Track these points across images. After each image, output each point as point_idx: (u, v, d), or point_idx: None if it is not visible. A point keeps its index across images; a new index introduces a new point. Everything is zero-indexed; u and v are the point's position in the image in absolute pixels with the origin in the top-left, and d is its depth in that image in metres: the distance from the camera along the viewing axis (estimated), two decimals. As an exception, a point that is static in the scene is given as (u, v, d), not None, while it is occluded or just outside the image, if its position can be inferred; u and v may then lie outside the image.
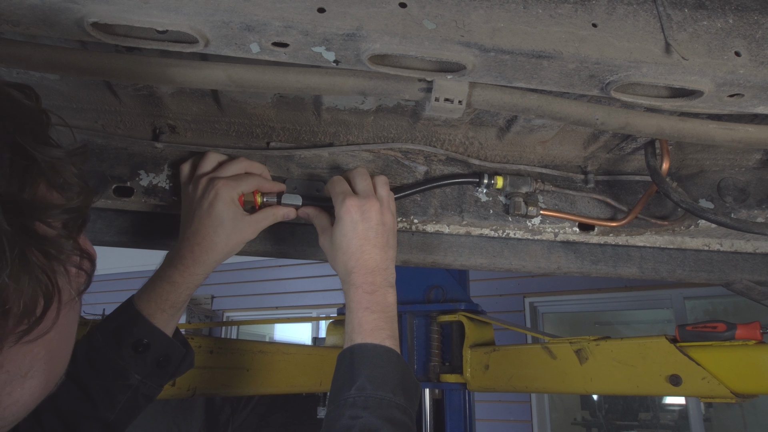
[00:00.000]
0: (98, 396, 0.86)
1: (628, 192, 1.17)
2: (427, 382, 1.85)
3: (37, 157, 0.46)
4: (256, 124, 1.06)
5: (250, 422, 2.47)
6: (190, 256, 0.92)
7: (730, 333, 1.22)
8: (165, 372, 0.93)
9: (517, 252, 1.21)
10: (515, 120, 1.02)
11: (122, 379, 0.88)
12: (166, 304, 0.91)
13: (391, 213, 0.98)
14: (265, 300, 6.06)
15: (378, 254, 0.92)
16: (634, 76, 0.70)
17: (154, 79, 0.78)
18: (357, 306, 0.89)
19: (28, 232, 0.44)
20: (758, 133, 0.87)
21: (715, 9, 0.73)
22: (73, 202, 0.50)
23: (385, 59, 0.71)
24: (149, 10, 0.62)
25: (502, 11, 0.69)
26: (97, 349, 0.88)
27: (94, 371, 0.86)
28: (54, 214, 0.47)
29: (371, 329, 0.87)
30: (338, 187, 0.97)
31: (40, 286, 0.45)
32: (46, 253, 0.46)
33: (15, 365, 0.47)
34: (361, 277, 0.91)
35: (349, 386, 0.80)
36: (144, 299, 0.91)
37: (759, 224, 1.00)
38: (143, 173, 1.03)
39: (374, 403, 0.78)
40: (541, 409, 4.55)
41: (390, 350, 0.86)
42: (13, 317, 0.43)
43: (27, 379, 0.48)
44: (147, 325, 0.90)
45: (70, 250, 0.49)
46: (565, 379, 1.46)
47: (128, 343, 0.88)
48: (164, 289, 0.91)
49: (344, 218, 0.93)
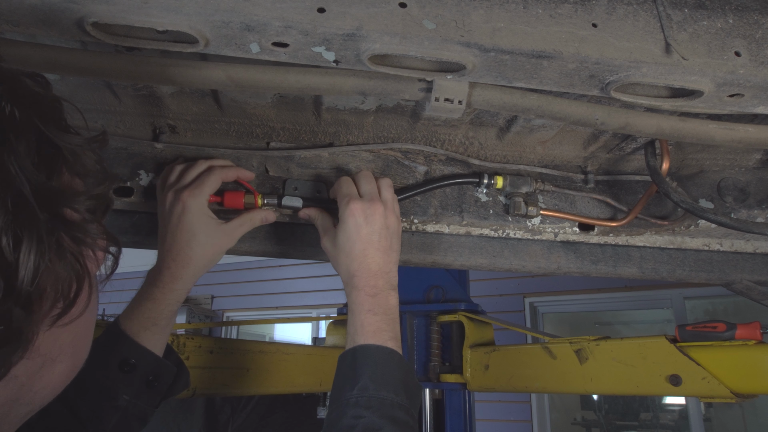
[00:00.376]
0: (87, 418, 0.84)
1: (628, 192, 1.17)
2: (427, 382, 1.85)
3: (60, 145, 0.47)
4: (256, 124, 1.06)
5: (250, 422, 2.46)
6: (167, 273, 0.91)
7: (730, 333, 1.22)
8: (156, 392, 0.91)
9: (517, 252, 1.21)
10: (515, 120, 1.02)
11: (110, 400, 0.86)
12: (149, 321, 0.90)
13: (395, 216, 0.97)
14: (265, 300, 6.05)
15: (381, 257, 0.92)
16: (634, 76, 0.70)
17: (154, 79, 0.78)
18: (359, 308, 0.89)
19: (59, 218, 0.45)
20: (758, 133, 0.87)
21: (715, 9, 0.73)
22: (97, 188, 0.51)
23: (385, 59, 0.71)
24: (149, 10, 0.62)
25: (502, 11, 0.69)
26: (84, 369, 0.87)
27: (81, 391, 0.84)
28: (80, 200, 0.48)
29: (373, 331, 0.87)
30: (344, 189, 0.97)
31: (73, 271, 0.46)
32: (76, 239, 0.46)
33: (48, 349, 0.48)
34: (363, 280, 0.91)
35: (351, 386, 0.80)
36: (128, 318, 0.90)
37: (759, 224, 1.00)
38: (143, 173, 1.03)
39: (377, 402, 0.78)
40: (541, 409, 4.55)
41: (392, 351, 0.86)
42: (48, 301, 0.45)
43: (56, 363, 0.50)
44: (132, 344, 0.88)
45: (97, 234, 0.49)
46: (565, 379, 1.46)
47: (114, 363, 0.86)
48: (146, 306, 0.90)
49: (348, 221, 0.93)
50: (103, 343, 0.88)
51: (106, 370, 0.86)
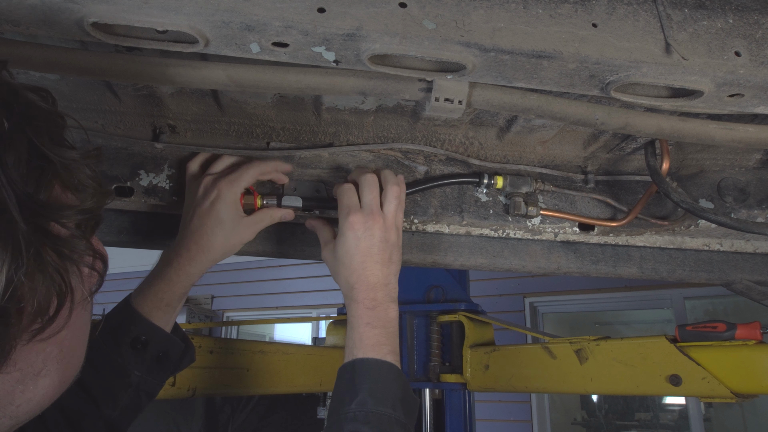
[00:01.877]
0: (100, 395, 0.86)
1: (628, 192, 1.17)
2: (427, 382, 1.85)
3: (52, 159, 0.47)
4: (256, 124, 1.06)
5: (250, 422, 2.47)
6: (186, 254, 0.92)
7: (730, 333, 1.23)
8: (165, 368, 0.94)
9: (517, 252, 1.21)
10: (515, 120, 1.02)
11: (123, 377, 0.88)
12: (162, 302, 0.92)
13: (396, 228, 0.96)
14: (265, 300, 6.05)
15: (380, 270, 0.92)
16: (634, 76, 0.70)
17: (154, 79, 0.78)
18: (358, 321, 0.89)
19: (43, 231, 0.45)
20: (758, 133, 0.87)
21: (715, 9, 0.73)
22: (87, 203, 0.50)
23: (385, 59, 0.71)
24: (149, 10, 0.62)
25: (502, 11, 0.69)
26: (95, 348, 0.88)
27: (94, 369, 0.87)
28: (68, 214, 0.48)
29: (372, 344, 0.87)
30: (345, 199, 0.96)
31: (53, 285, 0.45)
32: (60, 253, 0.46)
33: (28, 364, 0.47)
34: (362, 292, 0.91)
35: (350, 400, 0.81)
36: (140, 297, 0.92)
37: (759, 224, 1.00)
38: (143, 173, 1.03)
39: (375, 418, 0.78)
40: (541, 409, 4.55)
41: (391, 365, 0.86)
42: (27, 315, 0.44)
43: (40, 377, 0.49)
44: (144, 322, 0.90)
45: (83, 250, 0.49)
46: (565, 379, 1.46)
47: (126, 341, 0.89)
48: (159, 287, 0.92)
49: (347, 234, 0.93)
50: (115, 323, 0.90)
51: (119, 348, 0.88)
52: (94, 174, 0.52)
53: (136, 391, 0.90)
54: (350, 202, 0.96)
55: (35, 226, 0.43)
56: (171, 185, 1.03)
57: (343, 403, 0.81)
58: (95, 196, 0.52)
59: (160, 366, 0.93)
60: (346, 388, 0.84)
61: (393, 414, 0.80)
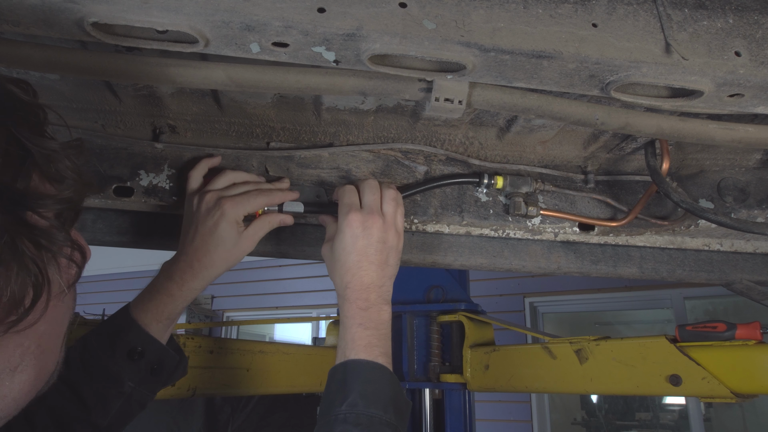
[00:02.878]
0: (92, 401, 0.86)
1: (628, 192, 1.17)
2: (427, 382, 1.85)
3: (31, 149, 0.46)
4: (256, 124, 1.06)
5: (250, 422, 2.46)
6: (189, 271, 0.92)
7: (730, 333, 1.22)
8: (158, 379, 0.94)
9: (517, 252, 1.21)
10: (515, 120, 1.02)
11: (116, 386, 0.88)
12: (163, 315, 0.92)
13: (396, 231, 0.97)
14: (265, 300, 6.06)
15: (375, 271, 0.92)
16: (634, 76, 0.70)
17: (154, 79, 0.78)
18: (351, 321, 0.89)
19: (20, 221, 0.44)
20: (758, 133, 0.87)
21: (715, 9, 0.73)
22: (66, 193, 0.50)
23: (385, 59, 0.71)
24: (149, 10, 0.62)
25: (502, 11, 0.69)
26: (91, 353, 0.88)
27: (87, 375, 0.87)
28: (46, 204, 0.47)
29: (364, 345, 0.87)
30: (346, 198, 0.97)
31: (29, 276, 0.44)
32: (37, 243, 0.45)
33: (4, 358, 0.47)
34: (355, 292, 0.91)
35: (340, 402, 0.80)
36: (140, 309, 0.91)
37: (759, 224, 1.00)
38: (143, 173, 1.03)
39: (366, 420, 0.78)
40: (541, 409, 4.55)
41: (383, 367, 0.86)
42: (1, 306, 0.43)
43: (16, 373, 0.48)
44: (143, 333, 0.90)
45: (62, 242, 0.48)
46: (565, 379, 1.46)
47: (123, 350, 0.89)
48: (162, 301, 0.92)
49: (345, 231, 0.93)
50: (113, 331, 0.90)
51: (115, 356, 0.88)
52: (75, 165, 0.51)
53: (128, 400, 0.89)
54: (351, 202, 0.96)
55: (11, 215, 0.43)
56: (171, 185, 1.03)
57: (334, 404, 0.81)
58: (75, 187, 0.51)
59: (154, 377, 0.93)
60: (337, 389, 0.83)
61: (384, 416, 0.80)
